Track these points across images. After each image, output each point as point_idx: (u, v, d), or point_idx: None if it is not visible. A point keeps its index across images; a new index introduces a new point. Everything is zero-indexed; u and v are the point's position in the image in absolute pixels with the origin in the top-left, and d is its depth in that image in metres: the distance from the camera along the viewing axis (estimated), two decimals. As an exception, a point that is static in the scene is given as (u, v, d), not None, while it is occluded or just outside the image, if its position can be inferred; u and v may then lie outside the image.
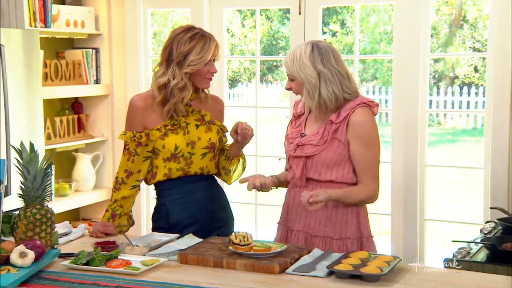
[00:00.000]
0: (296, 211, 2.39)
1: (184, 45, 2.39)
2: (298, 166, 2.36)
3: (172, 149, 2.43)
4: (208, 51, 2.40)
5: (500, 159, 3.44)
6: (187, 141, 2.45)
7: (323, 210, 2.29)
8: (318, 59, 2.31)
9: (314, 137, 2.35)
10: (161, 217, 2.52)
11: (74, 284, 1.85)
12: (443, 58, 11.59)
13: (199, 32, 2.43)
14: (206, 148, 2.49)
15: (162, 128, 2.44)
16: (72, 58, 4.10)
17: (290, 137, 2.44)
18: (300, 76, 2.32)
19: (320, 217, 2.35)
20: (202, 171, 2.51)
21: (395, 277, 1.88)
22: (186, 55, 2.39)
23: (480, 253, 2.17)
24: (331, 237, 2.32)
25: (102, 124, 4.28)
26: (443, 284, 1.84)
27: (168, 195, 2.50)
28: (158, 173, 2.48)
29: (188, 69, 2.39)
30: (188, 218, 2.48)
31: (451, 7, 10.85)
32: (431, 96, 10.75)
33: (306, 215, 2.35)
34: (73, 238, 2.37)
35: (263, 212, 4.91)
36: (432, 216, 3.99)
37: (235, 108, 8.43)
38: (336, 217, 2.34)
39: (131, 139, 2.43)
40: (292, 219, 2.42)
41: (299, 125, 2.45)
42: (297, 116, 2.47)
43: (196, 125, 2.48)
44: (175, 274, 1.95)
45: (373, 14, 11.34)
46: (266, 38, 12.32)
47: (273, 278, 1.90)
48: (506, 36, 3.37)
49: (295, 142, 2.40)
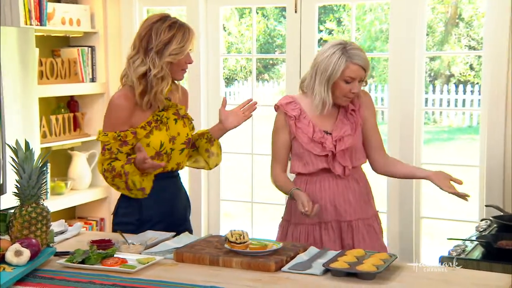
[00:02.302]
0: (348, 202, 2.45)
1: (164, 33, 2.33)
2: (345, 159, 2.44)
3: (158, 147, 2.38)
4: (189, 41, 2.36)
5: (495, 157, 3.45)
6: (169, 136, 2.41)
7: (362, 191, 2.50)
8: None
9: (344, 129, 2.44)
10: (130, 212, 2.44)
11: (69, 283, 1.84)
12: (439, 56, 11.61)
13: (177, 21, 2.38)
14: (184, 143, 2.45)
15: (147, 126, 2.37)
16: (68, 56, 4.09)
17: (317, 137, 2.43)
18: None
19: (367, 198, 2.50)
20: (178, 166, 2.49)
21: (391, 275, 1.88)
22: (167, 43, 2.33)
23: (475, 251, 2.18)
24: (367, 217, 2.48)
25: (98, 123, 4.26)
26: (438, 282, 1.84)
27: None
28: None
29: (169, 58, 2.33)
30: (158, 215, 2.44)
31: (446, 5, 10.87)
32: (427, 94, 10.76)
33: (358, 202, 2.46)
34: (69, 236, 2.36)
35: (259, 210, 4.91)
36: (427, 214, 3.99)
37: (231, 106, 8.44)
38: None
39: (115, 138, 2.33)
40: (344, 211, 2.44)
41: (308, 125, 2.44)
42: (298, 117, 2.46)
43: (174, 120, 2.44)
44: (171, 272, 1.95)
45: (370, 13, 11.34)
46: (262, 36, 12.31)
47: (269, 276, 1.90)
48: (502, 35, 3.37)
49: (328, 140, 2.42)
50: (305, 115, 2.46)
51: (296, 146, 2.47)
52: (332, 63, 2.35)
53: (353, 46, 2.38)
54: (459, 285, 1.81)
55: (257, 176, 4.30)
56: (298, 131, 2.45)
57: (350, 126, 2.45)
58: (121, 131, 2.34)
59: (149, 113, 2.40)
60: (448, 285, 1.81)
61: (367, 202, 2.50)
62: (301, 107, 2.47)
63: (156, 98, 2.36)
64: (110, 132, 2.34)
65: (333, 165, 2.43)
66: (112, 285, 1.82)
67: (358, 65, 2.36)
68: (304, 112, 2.46)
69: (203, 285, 1.81)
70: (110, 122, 2.37)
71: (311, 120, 2.45)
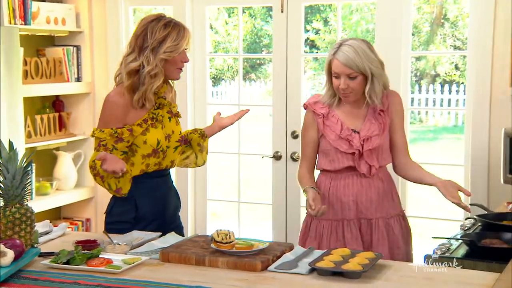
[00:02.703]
0: (370, 200, 2.48)
1: (159, 31, 2.37)
2: (372, 159, 2.46)
3: (154, 144, 2.41)
4: (184, 39, 2.39)
5: (479, 157, 3.47)
6: (165, 134, 2.44)
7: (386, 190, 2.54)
8: (375, 51, 2.46)
9: (372, 129, 2.47)
10: (125, 210, 2.45)
11: (54, 283, 1.83)
12: (424, 56, 11.68)
13: (172, 20, 2.42)
14: (178, 141, 2.50)
15: (143, 123, 2.40)
16: (53, 55, 4.06)
17: (345, 134, 2.46)
18: (371, 69, 2.40)
19: (390, 198, 2.53)
20: (172, 164, 2.52)
21: (376, 274, 1.89)
22: (162, 41, 2.36)
23: (460, 249, 2.19)
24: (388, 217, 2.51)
25: (83, 122, 4.24)
26: (423, 280, 1.85)
27: (137, 188, 2.43)
28: (133, 170, 2.41)
29: (164, 55, 2.36)
30: (153, 213, 2.46)
31: (432, 5, 10.93)
32: (412, 94, 10.82)
33: (381, 201, 2.49)
34: (54, 237, 2.34)
35: (246, 210, 4.91)
36: (413, 213, 4.01)
37: (218, 106, 8.43)
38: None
39: (112, 135, 2.35)
40: (366, 209, 2.48)
41: (336, 123, 2.48)
42: (326, 115, 2.50)
43: (169, 118, 2.48)
44: (157, 273, 1.94)
45: (356, 13, 11.38)
46: (249, 36, 12.31)
47: (255, 275, 1.90)
48: (486, 35, 3.40)
49: (356, 138, 2.45)
50: (334, 113, 2.50)
51: (324, 143, 2.51)
52: (327, 57, 2.46)
53: (347, 43, 2.42)
54: (444, 283, 1.82)
55: (244, 176, 4.29)
56: (326, 129, 2.49)
57: (378, 126, 2.48)
58: (117, 128, 2.36)
59: (144, 111, 2.42)
60: (433, 283, 1.82)
61: (390, 202, 2.53)
62: (330, 106, 2.52)
63: (146, 96, 2.38)
64: (106, 129, 2.36)
65: (359, 163, 2.46)
66: (97, 286, 1.80)
67: (339, 61, 2.39)
68: (332, 110, 2.50)
69: (189, 285, 1.81)
70: (104, 119, 2.39)
71: (340, 118, 2.49)
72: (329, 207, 2.49)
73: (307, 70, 11.21)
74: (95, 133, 2.38)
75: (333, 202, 2.50)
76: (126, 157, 2.39)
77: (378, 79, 2.43)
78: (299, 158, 3.90)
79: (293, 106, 3.92)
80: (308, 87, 10.66)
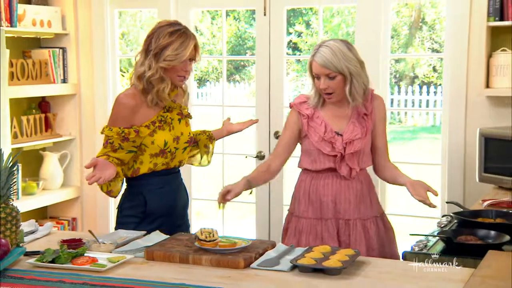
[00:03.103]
0: (348, 201, 2.46)
1: (163, 38, 2.36)
2: (353, 162, 2.45)
3: (162, 145, 2.42)
4: (186, 49, 2.36)
5: (456, 156, 3.51)
6: (173, 136, 2.46)
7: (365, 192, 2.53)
8: (355, 50, 2.43)
9: (355, 132, 2.45)
10: (135, 205, 2.48)
11: (39, 282, 1.81)
12: (403, 58, 11.76)
13: (182, 29, 2.40)
14: (187, 142, 2.51)
15: (151, 125, 2.41)
16: (39, 57, 4.02)
17: (328, 136, 2.45)
18: (349, 68, 2.38)
19: (368, 200, 2.51)
20: (180, 164, 2.54)
21: (356, 270, 1.90)
22: (163, 48, 2.35)
23: (437, 246, 2.20)
24: (365, 218, 2.50)
25: (69, 123, 4.21)
26: (401, 276, 1.86)
27: (145, 184, 2.47)
28: (141, 168, 2.44)
29: (163, 63, 2.36)
30: (162, 208, 2.48)
31: (410, 9, 11.00)
32: (392, 95, 10.89)
33: (358, 202, 2.48)
34: (39, 236, 2.32)
35: (230, 209, 4.90)
36: (392, 210, 4.04)
37: (203, 107, 8.41)
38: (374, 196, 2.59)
39: (119, 134, 2.36)
40: (344, 210, 2.47)
41: (320, 124, 2.46)
42: (311, 116, 2.48)
43: (178, 120, 2.50)
44: (142, 271, 1.93)
45: (337, 16, 11.43)
46: (234, 38, 12.30)
47: (238, 273, 1.90)
48: (461, 38, 3.43)
49: (338, 141, 2.44)
50: (318, 115, 2.49)
51: (307, 143, 2.49)
52: (308, 60, 2.46)
53: (325, 44, 2.41)
54: (421, 279, 1.83)
55: (228, 176, 4.29)
56: (310, 130, 2.48)
57: (361, 130, 2.47)
58: (125, 128, 2.38)
59: (154, 113, 2.43)
60: (410, 279, 1.83)
61: (367, 204, 2.51)
62: (315, 107, 2.50)
63: (159, 96, 2.40)
64: (114, 127, 2.38)
65: (340, 166, 2.45)
66: (82, 284, 1.79)
67: (316, 62, 2.39)
68: (317, 112, 2.49)
69: (173, 283, 1.80)
70: (113, 118, 2.41)
71: (324, 119, 2.47)
72: (309, 205, 2.50)
73: (290, 72, 11.23)
74: (105, 130, 2.41)
75: (313, 200, 2.50)
76: (135, 155, 2.43)
77: (357, 79, 2.40)
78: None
79: (276, 107, 3.92)
80: (291, 89, 10.68)
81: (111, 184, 2.38)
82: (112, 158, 2.38)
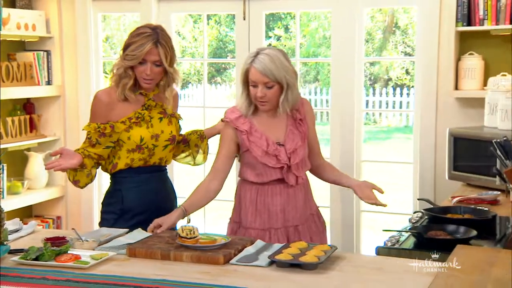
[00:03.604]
0: (296, 208, 2.41)
1: (130, 37, 2.39)
2: (299, 170, 2.39)
3: (138, 140, 2.42)
4: (142, 51, 2.33)
5: (427, 155, 3.54)
6: (151, 133, 2.44)
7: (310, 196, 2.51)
8: (290, 61, 2.35)
9: (295, 140, 2.38)
10: (114, 202, 2.48)
11: (23, 279, 1.78)
12: (378, 61, 11.86)
13: (149, 32, 2.37)
14: (168, 140, 2.49)
15: (127, 121, 2.41)
16: (24, 60, 3.98)
17: (272, 149, 2.35)
18: (286, 79, 2.29)
19: (309, 201, 2.48)
20: (161, 161, 2.52)
21: (331, 265, 1.91)
22: (126, 47, 2.38)
23: (408, 241, 2.22)
24: (313, 213, 2.50)
25: (54, 124, 4.17)
26: (374, 270, 1.88)
27: (124, 182, 2.47)
28: (119, 163, 2.44)
29: (123, 61, 2.39)
30: (140, 206, 2.46)
31: (384, 14, 11.10)
32: (367, 96, 10.98)
33: (304, 207, 2.44)
34: (24, 234, 2.29)
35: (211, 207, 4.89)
36: (367, 207, 4.07)
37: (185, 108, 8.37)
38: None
39: (95, 129, 2.38)
40: (292, 218, 2.40)
41: (260, 138, 2.36)
42: (249, 131, 2.36)
43: (159, 118, 2.48)
44: (124, 267, 1.91)
45: (314, 20, 11.47)
46: (215, 42, 12.27)
47: (217, 268, 1.89)
48: (432, 43, 3.47)
49: (282, 152, 2.35)
50: (256, 128, 2.38)
51: (249, 157, 2.37)
52: (243, 65, 2.34)
53: (264, 52, 2.29)
54: (393, 272, 1.85)
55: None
56: (252, 145, 2.35)
57: (300, 136, 2.40)
58: (101, 123, 2.40)
59: (131, 110, 2.43)
60: (383, 273, 1.85)
61: (309, 205, 2.47)
62: (250, 119, 2.38)
63: (123, 90, 2.40)
64: (93, 123, 2.42)
65: (287, 176, 2.37)
66: (66, 281, 1.77)
67: (256, 69, 2.27)
68: (254, 125, 2.37)
69: (155, 279, 1.79)
70: (91, 114, 2.45)
71: (263, 133, 2.38)
72: (256, 216, 2.39)
73: (269, 74, 11.22)
74: (85, 126, 2.45)
75: (261, 211, 2.39)
76: (114, 150, 2.43)
77: (293, 89, 2.32)
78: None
79: (255, 108, 3.92)
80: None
81: (76, 174, 2.38)
82: (90, 153, 2.39)
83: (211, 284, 1.74)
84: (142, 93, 2.45)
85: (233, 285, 1.73)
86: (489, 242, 2.24)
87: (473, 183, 3.14)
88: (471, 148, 3.17)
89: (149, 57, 2.36)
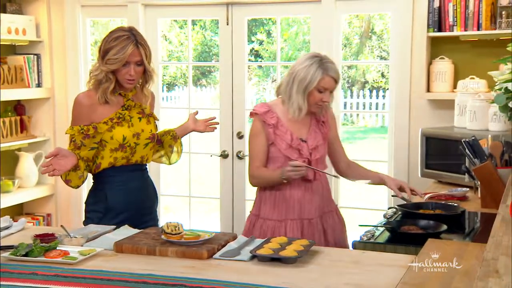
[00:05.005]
0: (312, 202, 2.46)
1: (108, 42, 2.34)
2: (318, 166, 2.45)
3: (121, 139, 2.39)
4: (125, 54, 2.31)
5: (401, 154, 3.57)
6: (133, 132, 2.42)
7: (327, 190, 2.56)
8: None
9: (317, 138, 2.47)
10: (98, 201, 2.45)
11: (13, 275, 1.76)
12: (355, 65, 11.92)
13: (127, 34, 2.34)
14: (148, 138, 2.48)
15: (109, 122, 2.39)
16: (14, 63, 3.94)
17: (295, 144, 2.43)
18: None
19: (326, 198, 2.53)
20: (142, 159, 2.49)
21: (310, 259, 1.91)
22: (106, 52, 2.34)
23: (383, 235, 2.24)
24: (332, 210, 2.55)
25: (44, 125, 4.13)
26: (350, 263, 1.89)
27: (107, 181, 2.44)
28: (102, 162, 2.42)
29: (105, 67, 2.34)
30: (124, 204, 2.44)
31: (361, 20, 11.15)
32: (345, 98, 11.04)
33: (320, 202, 2.48)
34: (14, 231, 2.26)
35: (196, 204, 4.88)
36: (344, 204, 4.09)
37: (171, 109, 8.33)
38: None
39: (79, 131, 2.35)
40: (308, 211, 2.46)
41: (285, 132, 2.43)
42: (276, 125, 2.44)
43: (139, 118, 2.46)
44: (111, 263, 1.90)
45: (294, 25, 11.49)
46: (200, 46, 12.24)
47: (201, 263, 1.89)
48: (405, 47, 3.50)
49: (304, 147, 2.44)
50: (282, 123, 2.45)
51: (274, 151, 2.44)
52: (310, 74, 2.37)
53: (328, 60, 2.42)
54: (368, 266, 1.86)
55: (194, 173, 4.27)
56: (277, 138, 2.43)
57: (322, 136, 2.49)
58: (84, 125, 2.36)
59: (112, 110, 2.40)
60: (359, 266, 1.86)
61: (326, 201, 2.53)
62: (277, 115, 2.45)
63: (104, 94, 2.37)
64: (75, 126, 2.37)
65: (307, 170, 2.42)
66: (54, 276, 1.75)
67: (332, 77, 2.39)
68: (280, 120, 2.44)
69: (141, 273, 1.78)
70: (73, 117, 2.41)
71: (288, 128, 2.45)
72: (275, 208, 2.46)
73: (252, 77, 11.24)
74: (67, 130, 2.40)
75: (279, 203, 2.46)
76: (97, 150, 2.40)
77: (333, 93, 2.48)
78: (244, 157, 3.90)
79: (239, 110, 3.92)
80: (253, 93, 10.69)
81: (69, 174, 2.34)
82: (80, 155, 2.36)
83: (195, 278, 1.74)
84: (121, 94, 2.43)
85: (216, 279, 1.73)
86: (458, 236, 2.26)
87: (444, 180, 3.18)
88: (442, 147, 3.20)
89: (132, 58, 2.34)
